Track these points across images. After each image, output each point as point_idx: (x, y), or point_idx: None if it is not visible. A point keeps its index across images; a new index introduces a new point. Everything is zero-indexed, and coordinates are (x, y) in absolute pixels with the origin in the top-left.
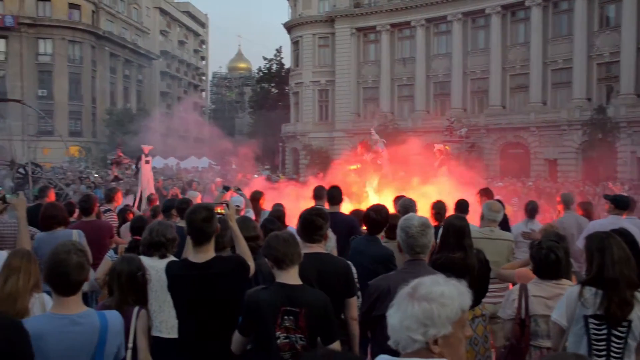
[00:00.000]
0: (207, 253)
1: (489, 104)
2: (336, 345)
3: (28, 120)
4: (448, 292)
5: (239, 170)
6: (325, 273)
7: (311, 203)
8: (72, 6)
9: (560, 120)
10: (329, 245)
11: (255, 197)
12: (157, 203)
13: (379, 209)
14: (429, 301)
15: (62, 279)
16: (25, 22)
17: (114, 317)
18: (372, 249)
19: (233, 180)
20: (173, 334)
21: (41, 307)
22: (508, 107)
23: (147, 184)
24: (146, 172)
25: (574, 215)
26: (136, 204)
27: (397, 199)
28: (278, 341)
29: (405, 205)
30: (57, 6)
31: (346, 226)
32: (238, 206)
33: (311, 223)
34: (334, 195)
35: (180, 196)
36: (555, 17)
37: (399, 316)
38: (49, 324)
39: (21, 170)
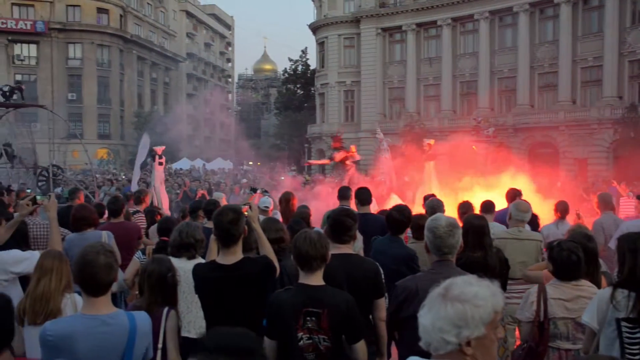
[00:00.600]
0: (235, 255)
1: (517, 103)
2: (361, 345)
3: (57, 124)
4: (481, 293)
5: (265, 172)
6: (353, 274)
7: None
8: (101, 10)
9: (590, 118)
10: (356, 246)
11: (286, 199)
12: (147, 203)
13: (401, 209)
14: (462, 302)
15: (91, 279)
16: (56, 27)
17: (142, 317)
18: (394, 249)
19: (260, 182)
20: (200, 334)
21: (73, 307)
22: (536, 106)
23: (160, 185)
24: (159, 172)
25: (612, 216)
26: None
27: (425, 199)
28: (301, 342)
29: (433, 206)
30: (86, 11)
31: (378, 227)
32: (266, 207)
33: (341, 224)
34: (363, 195)
35: (207, 197)
36: (585, 14)
37: (432, 317)
38: (80, 324)
39: (44, 172)
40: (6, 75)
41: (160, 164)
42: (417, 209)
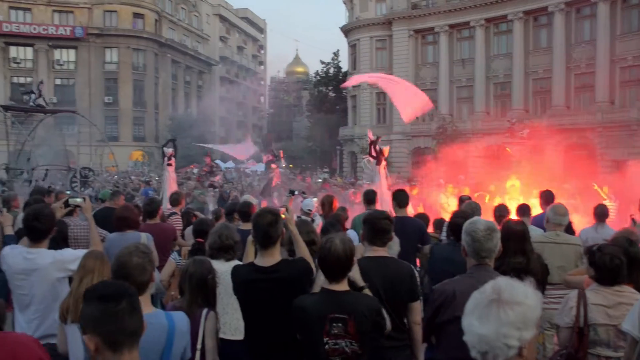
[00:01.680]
0: (273, 257)
1: (552, 104)
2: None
3: (95, 126)
4: (529, 292)
5: (297, 174)
6: (390, 277)
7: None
8: (136, 15)
9: (629, 119)
10: (393, 249)
11: (329, 202)
12: (183, 205)
13: (466, 215)
14: (518, 304)
15: (125, 280)
16: (94, 32)
17: (180, 318)
18: (460, 256)
19: (292, 184)
20: (237, 335)
21: None
22: (572, 107)
23: (170, 186)
24: (170, 174)
25: None
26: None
27: (462, 201)
28: (327, 346)
29: (471, 208)
30: (123, 16)
31: (416, 231)
32: (309, 210)
33: (377, 226)
34: (401, 198)
35: (239, 199)
36: (624, 12)
37: (493, 325)
38: None
39: (77, 174)
40: (47, 80)
41: (169, 164)
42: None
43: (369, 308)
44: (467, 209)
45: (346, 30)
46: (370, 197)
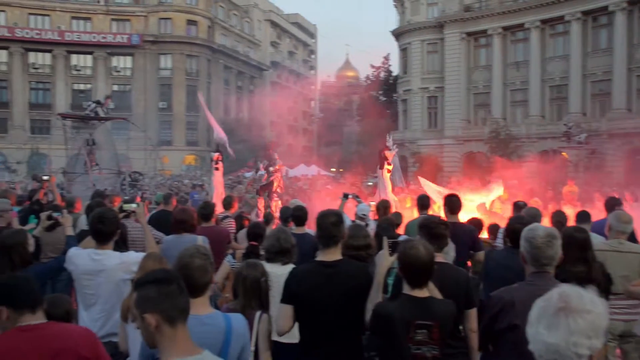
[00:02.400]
0: (335, 255)
1: (612, 107)
2: None
3: (150, 131)
4: (597, 300)
5: (348, 178)
6: (446, 283)
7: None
8: (190, 22)
9: None
10: (449, 255)
11: (384, 207)
12: (236, 208)
13: (525, 222)
14: (588, 312)
15: (187, 281)
16: (149, 39)
17: (238, 319)
18: (516, 262)
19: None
20: (290, 338)
21: None
22: (634, 109)
23: (216, 189)
24: (216, 177)
25: None
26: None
27: (517, 207)
28: (410, 352)
29: (531, 215)
30: (177, 23)
31: (468, 237)
32: (364, 215)
33: (434, 232)
34: (453, 204)
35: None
36: None
37: (562, 334)
38: None
39: (127, 178)
40: (105, 86)
41: (217, 169)
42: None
43: (451, 313)
44: (527, 215)
45: (397, 34)
46: (424, 202)
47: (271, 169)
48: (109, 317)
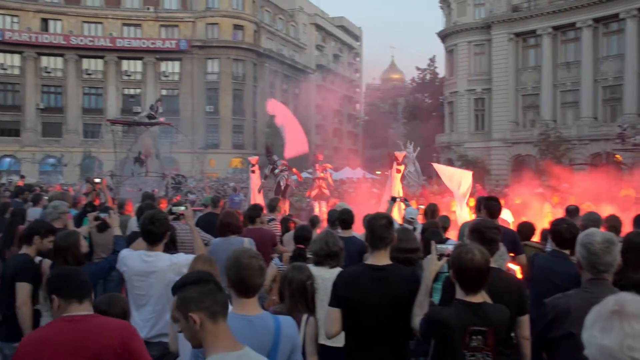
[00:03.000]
0: (384, 259)
1: None
2: None
3: (197, 134)
4: None
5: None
6: (498, 289)
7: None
8: (237, 27)
9: None
10: (500, 260)
11: (432, 210)
12: (282, 211)
13: (571, 225)
14: None
15: (244, 281)
16: (197, 44)
17: (287, 321)
18: (565, 267)
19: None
20: (337, 342)
21: None
22: None
23: (253, 192)
24: (253, 180)
25: None
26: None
27: (569, 212)
28: (465, 358)
29: (592, 220)
30: (224, 28)
31: (508, 241)
32: (412, 218)
33: (486, 236)
34: (493, 207)
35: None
36: None
37: (616, 337)
38: (231, 321)
39: (170, 180)
40: (154, 91)
41: (253, 171)
42: None
43: (505, 320)
44: (588, 220)
45: (443, 36)
46: (493, 208)
47: (276, 171)
48: (160, 318)
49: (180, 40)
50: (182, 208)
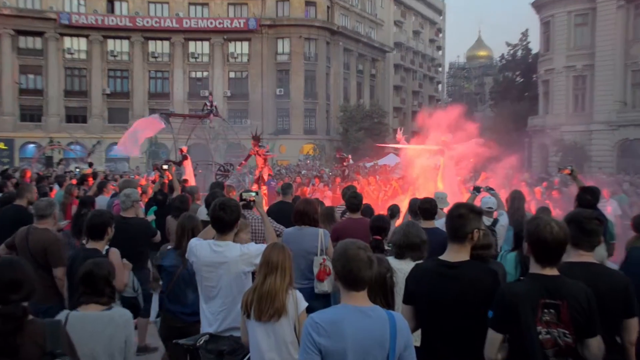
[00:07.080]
0: (461, 254)
1: None
2: (596, 341)
3: (266, 119)
4: None
5: (482, 169)
6: (597, 287)
7: None
8: (308, 4)
9: None
10: (600, 254)
11: (515, 197)
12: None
13: None
14: None
15: (352, 273)
16: (266, 23)
17: (399, 316)
18: None
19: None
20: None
21: (294, 303)
22: None
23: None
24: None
25: None
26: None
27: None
28: (540, 336)
29: None
30: (295, 5)
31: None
32: (490, 208)
33: (587, 227)
34: (586, 198)
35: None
36: None
37: None
38: (345, 312)
39: (220, 168)
40: (221, 73)
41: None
42: None
43: (581, 294)
44: None
45: (538, 6)
46: (594, 195)
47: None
48: (230, 311)
49: (249, 19)
50: (253, 194)
